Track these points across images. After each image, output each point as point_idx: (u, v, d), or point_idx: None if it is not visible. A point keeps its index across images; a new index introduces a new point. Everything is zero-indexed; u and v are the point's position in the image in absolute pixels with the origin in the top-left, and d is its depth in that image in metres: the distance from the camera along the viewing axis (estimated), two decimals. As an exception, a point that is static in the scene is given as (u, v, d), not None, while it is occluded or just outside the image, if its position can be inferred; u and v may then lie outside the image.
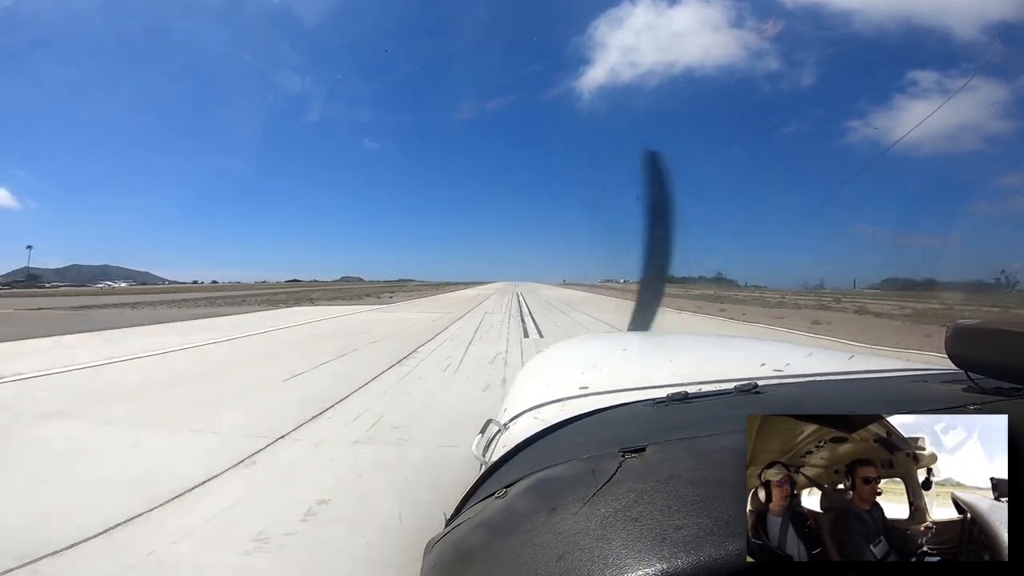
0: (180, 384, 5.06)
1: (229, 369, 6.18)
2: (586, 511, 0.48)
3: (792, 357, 1.22)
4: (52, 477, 2.69)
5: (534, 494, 0.56)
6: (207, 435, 3.44)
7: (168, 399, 4.39)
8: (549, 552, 0.44)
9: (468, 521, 0.58)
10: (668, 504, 0.45)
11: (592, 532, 0.45)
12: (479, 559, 0.50)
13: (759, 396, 0.80)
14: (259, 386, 5.01)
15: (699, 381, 0.98)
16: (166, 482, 2.56)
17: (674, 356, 1.40)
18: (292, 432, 3.47)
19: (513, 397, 1.24)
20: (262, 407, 4.19)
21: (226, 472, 2.76)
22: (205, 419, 3.81)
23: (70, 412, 3.95)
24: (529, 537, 0.48)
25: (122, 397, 4.45)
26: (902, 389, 0.87)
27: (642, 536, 0.42)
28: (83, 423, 3.70)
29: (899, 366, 1.13)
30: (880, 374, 1.07)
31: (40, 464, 2.90)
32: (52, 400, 4.29)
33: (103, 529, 2.09)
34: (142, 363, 6.32)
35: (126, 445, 3.23)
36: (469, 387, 4.99)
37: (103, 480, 2.65)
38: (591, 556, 0.42)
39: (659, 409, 0.79)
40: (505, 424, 1.01)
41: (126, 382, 5.13)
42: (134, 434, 3.43)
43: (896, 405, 0.68)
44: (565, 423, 0.82)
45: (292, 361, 6.35)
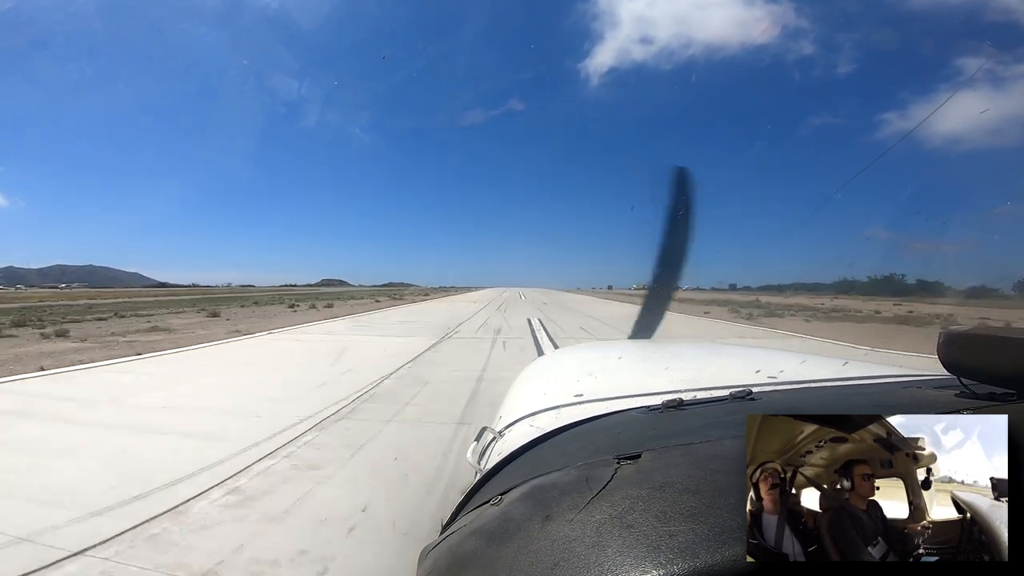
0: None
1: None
2: (581, 518, 0.47)
3: (786, 364, 1.22)
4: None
5: (529, 501, 0.55)
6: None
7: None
8: (544, 560, 0.44)
9: (463, 528, 0.58)
10: (663, 511, 0.44)
11: (587, 539, 0.44)
12: (474, 566, 0.50)
13: (754, 403, 0.80)
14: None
15: (694, 388, 0.98)
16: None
17: (669, 363, 1.40)
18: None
19: (508, 405, 1.23)
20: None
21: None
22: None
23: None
24: (524, 544, 0.47)
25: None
26: (895, 395, 0.88)
27: (637, 543, 0.41)
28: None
29: (892, 372, 1.13)
30: (874, 380, 1.08)
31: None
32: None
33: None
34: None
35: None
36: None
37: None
38: (586, 563, 0.41)
39: (654, 416, 0.79)
40: (500, 432, 1.00)
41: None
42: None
43: (890, 410, 0.68)
44: (560, 430, 0.81)
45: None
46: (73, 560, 1.94)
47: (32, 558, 1.93)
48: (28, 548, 2.00)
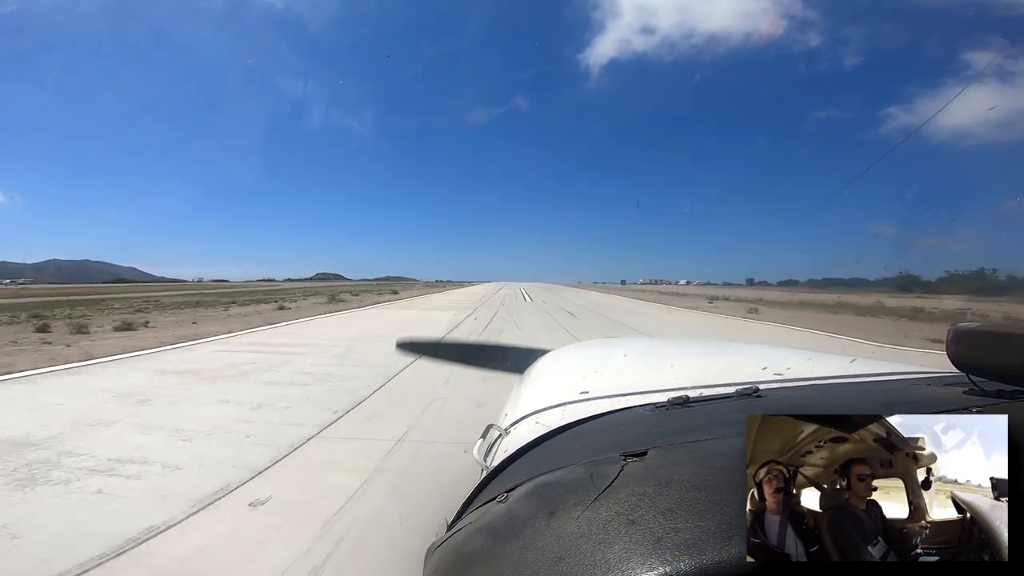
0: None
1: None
2: (587, 515, 0.48)
3: (793, 361, 1.21)
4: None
5: (535, 498, 0.56)
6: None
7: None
8: (550, 556, 0.44)
9: (469, 526, 0.58)
10: (669, 507, 0.45)
11: (593, 536, 0.44)
12: (480, 564, 0.50)
13: (760, 400, 0.80)
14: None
15: (700, 385, 0.98)
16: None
17: (675, 361, 1.40)
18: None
19: (514, 402, 1.23)
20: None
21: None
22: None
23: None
24: (530, 541, 0.48)
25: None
26: (903, 392, 0.87)
27: (643, 540, 0.42)
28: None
29: (900, 369, 1.13)
30: (881, 377, 1.07)
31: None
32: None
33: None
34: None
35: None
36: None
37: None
38: (592, 560, 0.42)
39: (660, 413, 0.79)
40: (506, 429, 1.01)
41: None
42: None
43: (897, 408, 0.68)
44: (566, 428, 0.81)
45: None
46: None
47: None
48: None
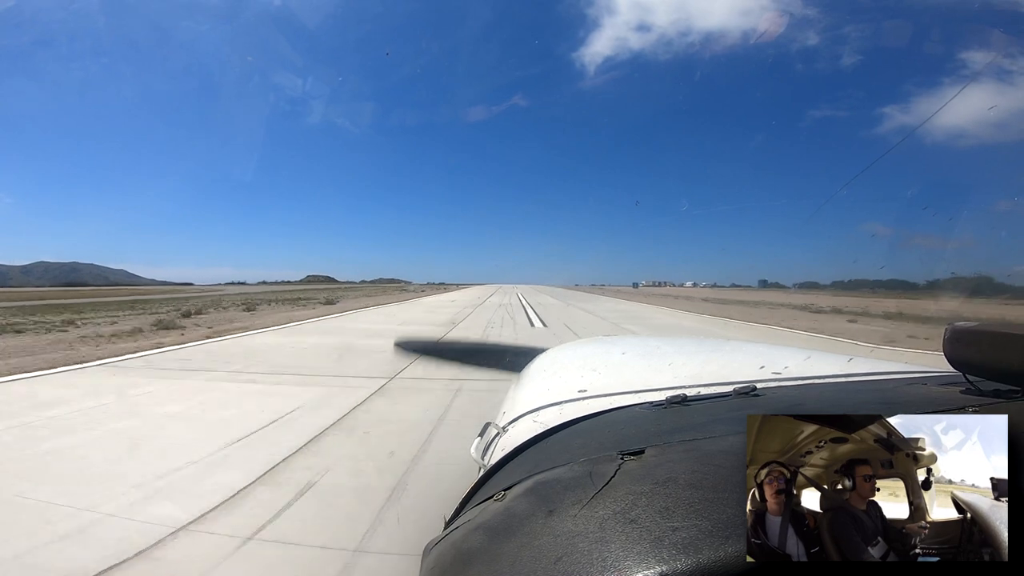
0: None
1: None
2: (584, 514, 0.47)
3: (791, 360, 1.22)
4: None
5: (532, 497, 0.56)
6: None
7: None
8: (547, 555, 0.44)
9: (467, 524, 0.58)
10: (666, 506, 0.44)
11: (590, 535, 0.44)
12: (477, 562, 0.50)
13: (757, 399, 0.80)
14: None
15: (698, 384, 0.98)
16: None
17: (673, 359, 1.40)
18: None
19: (512, 400, 1.23)
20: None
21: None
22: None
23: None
24: (527, 540, 0.47)
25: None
26: (900, 392, 0.87)
27: (640, 538, 0.42)
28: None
29: (897, 369, 1.13)
30: (878, 376, 1.07)
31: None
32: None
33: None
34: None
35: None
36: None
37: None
38: (589, 559, 0.42)
39: (658, 412, 0.79)
40: (504, 427, 1.01)
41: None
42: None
43: (894, 407, 0.68)
44: (564, 426, 0.81)
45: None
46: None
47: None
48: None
